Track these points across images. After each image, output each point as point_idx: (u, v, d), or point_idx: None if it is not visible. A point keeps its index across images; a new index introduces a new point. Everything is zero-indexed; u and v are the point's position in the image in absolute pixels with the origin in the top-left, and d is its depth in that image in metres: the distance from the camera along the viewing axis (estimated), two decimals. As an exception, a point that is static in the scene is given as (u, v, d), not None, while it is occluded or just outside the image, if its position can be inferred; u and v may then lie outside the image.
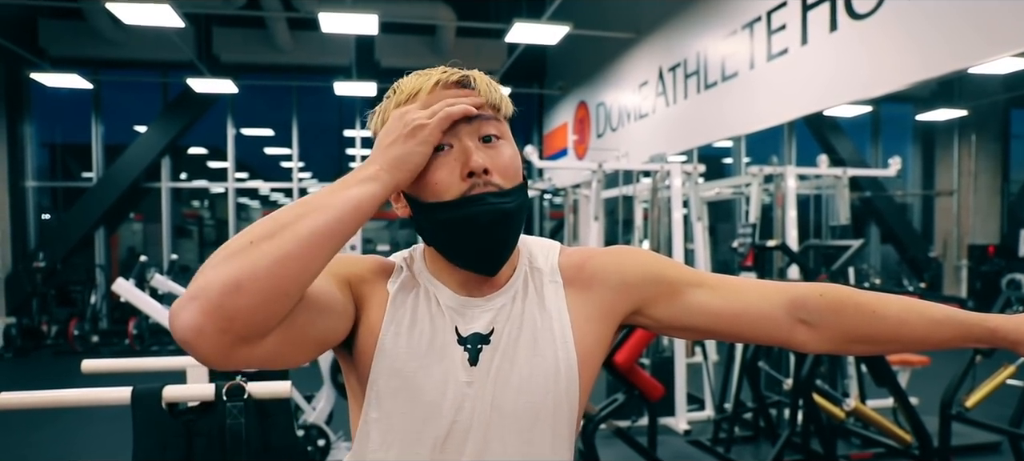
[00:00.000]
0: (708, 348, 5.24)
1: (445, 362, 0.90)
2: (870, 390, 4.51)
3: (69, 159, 11.05)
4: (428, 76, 0.90)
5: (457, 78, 0.89)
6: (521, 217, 0.91)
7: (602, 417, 3.51)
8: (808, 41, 4.57)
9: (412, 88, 0.90)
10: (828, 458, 3.48)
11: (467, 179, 0.86)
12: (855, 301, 0.93)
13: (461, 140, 0.87)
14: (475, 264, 0.91)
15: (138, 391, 1.63)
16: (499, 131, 0.90)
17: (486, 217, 0.86)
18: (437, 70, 0.91)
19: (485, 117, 0.88)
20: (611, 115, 8.15)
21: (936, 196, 11.32)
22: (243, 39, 9.78)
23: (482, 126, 0.88)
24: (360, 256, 0.98)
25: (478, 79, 0.90)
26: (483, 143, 0.88)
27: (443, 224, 0.88)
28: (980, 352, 3.61)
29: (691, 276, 0.99)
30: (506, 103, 0.92)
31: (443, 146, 0.86)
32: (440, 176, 0.86)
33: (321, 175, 12.03)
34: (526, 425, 0.90)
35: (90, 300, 8.98)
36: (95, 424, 5.12)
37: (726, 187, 6.29)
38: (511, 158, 0.90)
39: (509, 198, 0.88)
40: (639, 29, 7.25)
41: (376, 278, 0.95)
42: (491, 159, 0.87)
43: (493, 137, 0.89)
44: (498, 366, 0.90)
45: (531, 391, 0.90)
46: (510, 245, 0.92)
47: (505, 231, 0.88)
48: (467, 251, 0.90)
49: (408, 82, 0.91)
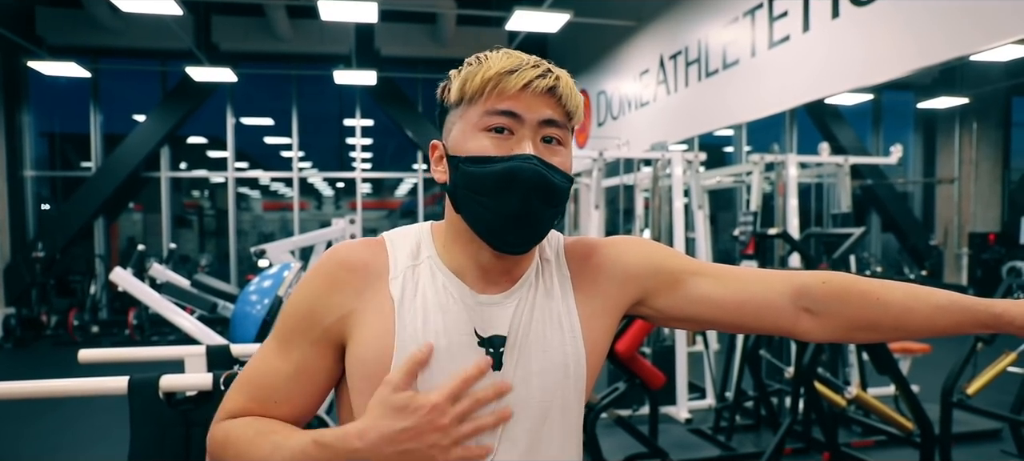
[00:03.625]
0: (709, 337, 5.23)
1: (466, 365, 0.84)
2: (871, 378, 4.51)
3: (68, 149, 11.01)
4: (520, 68, 0.84)
5: (548, 84, 0.85)
6: (561, 201, 0.87)
7: (603, 406, 3.50)
8: (810, 28, 4.53)
9: (503, 65, 0.84)
10: (829, 446, 3.48)
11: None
12: (859, 289, 0.92)
13: (522, 132, 0.85)
14: (503, 234, 0.85)
15: (135, 380, 1.62)
16: (562, 138, 0.88)
17: (531, 175, 0.82)
18: (530, 60, 0.87)
19: (557, 123, 0.86)
20: (612, 103, 8.11)
21: (937, 184, 11.29)
22: (242, 27, 9.73)
23: (549, 128, 0.86)
24: (344, 262, 0.89)
25: (562, 86, 0.86)
26: (543, 143, 0.86)
27: (483, 177, 0.84)
28: (981, 339, 3.60)
29: (693, 266, 0.97)
30: (579, 115, 0.89)
31: (503, 129, 0.84)
32: (488, 149, 0.84)
33: (321, 164, 12.00)
34: (537, 423, 0.89)
35: (90, 290, 8.98)
36: (93, 414, 5.12)
37: (727, 175, 6.27)
38: (565, 166, 0.88)
39: (557, 174, 0.85)
40: (640, 17, 7.21)
41: (369, 286, 0.88)
42: (546, 159, 0.85)
43: (555, 141, 0.87)
44: (516, 365, 0.88)
45: (543, 388, 0.89)
46: (543, 226, 0.87)
47: (544, 204, 0.85)
48: (500, 213, 0.84)
49: (499, 59, 0.86)
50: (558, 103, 0.86)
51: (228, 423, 0.89)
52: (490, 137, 0.84)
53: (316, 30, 9.68)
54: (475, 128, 0.85)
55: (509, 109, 0.84)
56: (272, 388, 0.89)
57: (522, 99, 0.84)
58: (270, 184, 13.91)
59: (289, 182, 10.76)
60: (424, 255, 0.92)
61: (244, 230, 12.35)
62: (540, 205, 0.84)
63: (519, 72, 0.84)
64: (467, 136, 0.86)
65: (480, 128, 0.85)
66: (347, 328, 0.88)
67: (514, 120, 0.84)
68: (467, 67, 0.87)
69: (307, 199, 13.69)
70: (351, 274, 0.88)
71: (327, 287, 0.88)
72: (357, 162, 11.12)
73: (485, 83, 0.84)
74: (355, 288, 0.88)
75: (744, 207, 6.06)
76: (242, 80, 9.74)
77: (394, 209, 14.07)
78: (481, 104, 0.85)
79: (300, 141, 10.58)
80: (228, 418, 0.90)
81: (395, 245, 0.92)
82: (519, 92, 0.84)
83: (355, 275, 0.88)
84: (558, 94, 0.86)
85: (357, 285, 0.88)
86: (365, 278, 0.88)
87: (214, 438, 0.90)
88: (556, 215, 0.88)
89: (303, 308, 0.89)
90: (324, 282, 0.89)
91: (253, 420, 0.88)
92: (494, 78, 0.84)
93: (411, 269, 0.90)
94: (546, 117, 0.85)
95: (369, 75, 8.87)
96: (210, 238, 12.61)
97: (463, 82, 0.86)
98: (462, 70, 0.88)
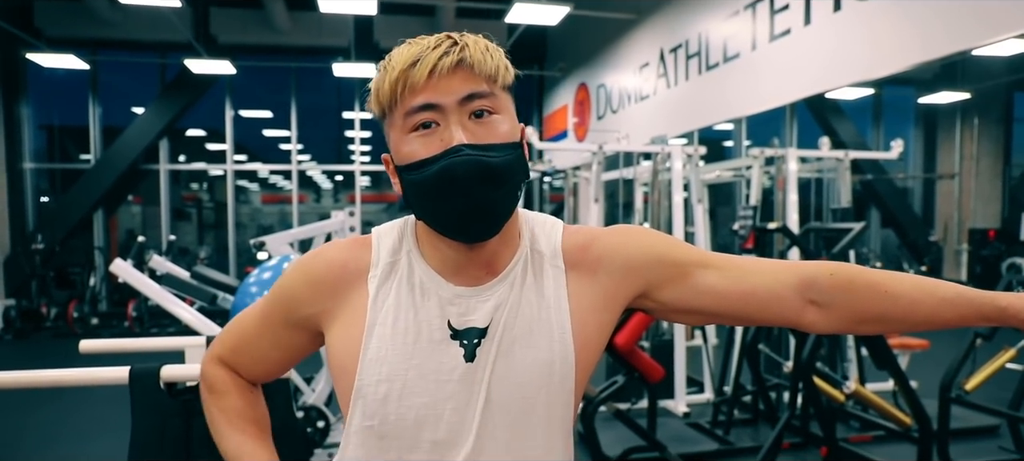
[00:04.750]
0: (708, 331, 5.24)
1: (438, 359, 0.86)
2: (870, 373, 4.51)
3: (67, 141, 10.99)
4: (422, 56, 0.81)
5: (454, 60, 0.81)
6: (510, 176, 0.83)
7: (602, 399, 3.51)
8: (811, 21, 4.52)
9: (405, 60, 0.81)
10: (828, 441, 3.49)
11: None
12: (866, 280, 0.91)
13: (447, 119, 0.81)
14: (459, 228, 0.84)
15: (136, 371, 1.62)
16: (492, 106, 0.83)
17: (463, 168, 0.79)
18: (430, 42, 0.83)
19: (479, 93, 0.82)
20: (611, 97, 8.10)
21: (937, 179, 11.30)
22: (241, 20, 9.70)
23: (473, 101, 0.82)
24: (324, 261, 0.92)
25: (471, 54, 0.82)
26: (473, 120, 0.82)
27: (420, 186, 0.82)
28: (980, 335, 3.61)
29: (698, 257, 0.94)
30: (504, 72, 0.84)
31: (429, 123, 0.81)
32: (419, 152, 0.81)
33: (320, 157, 11.98)
34: (519, 420, 0.87)
35: (89, 282, 8.98)
36: (94, 405, 5.13)
37: (727, 170, 6.26)
38: (504, 134, 0.83)
39: (493, 152, 0.81)
40: (640, 10, 7.19)
41: (347, 284, 0.90)
42: (480, 137, 0.81)
43: (486, 112, 0.83)
44: (494, 360, 0.86)
45: (524, 385, 0.87)
46: (500, 208, 0.84)
47: (487, 189, 0.81)
48: (449, 215, 0.82)
49: (401, 55, 0.83)
50: (472, 73, 0.81)
51: (217, 379, 1.02)
52: (418, 137, 0.81)
53: (315, 22, 9.66)
54: (403, 132, 0.83)
55: (424, 102, 0.81)
56: (249, 348, 1.00)
57: (434, 86, 0.80)
58: (269, 177, 13.88)
59: (288, 175, 10.75)
60: (404, 249, 0.91)
61: (243, 223, 12.33)
62: (486, 190, 0.81)
63: (422, 61, 0.80)
64: (400, 143, 0.83)
65: (407, 131, 0.82)
66: (322, 323, 0.92)
67: (434, 111, 0.81)
68: (376, 76, 0.85)
69: (306, 192, 13.66)
70: (329, 273, 0.91)
71: (305, 283, 0.92)
72: (356, 155, 11.11)
73: (393, 87, 0.81)
74: (331, 287, 0.90)
75: (744, 201, 6.06)
76: (241, 73, 9.72)
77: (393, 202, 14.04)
78: (400, 108, 0.82)
79: (299, 134, 10.56)
80: (218, 361, 1.03)
81: (380, 241, 0.93)
82: (428, 81, 0.80)
83: (332, 273, 0.91)
84: (469, 64, 0.81)
85: (334, 284, 0.90)
86: (343, 277, 0.90)
87: (207, 375, 1.04)
88: (512, 190, 0.84)
89: (284, 296, 0.95)
90: (303, 278, 0.93)
91: (233, 397, 1.02)
92: (399, 77, 0.81)
93: (390, 265, 0.90)
94: (465, 93, 0.81)
95: (368, 68, 8.85)
96: (209, 231, 12.59)
97: (376, 93, 0.84)
98: (372, 82, 0.86)
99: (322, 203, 14.37)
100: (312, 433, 3.80)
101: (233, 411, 1.00)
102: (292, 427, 1.69)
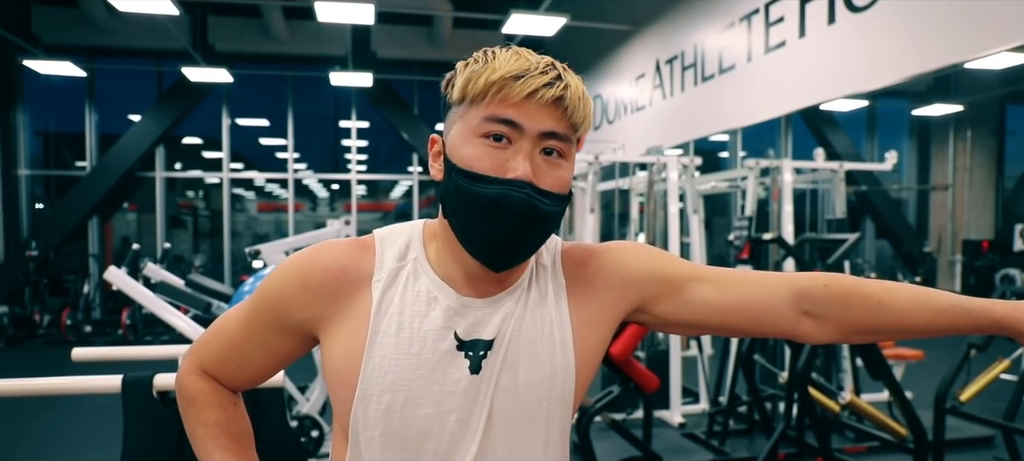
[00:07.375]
0: (703, 341, 5.24)
1: (443, 370, 0.85)
2: (865, 383, 4.52)
3: (63, 148, 10.97)
4: (528, 75, 0.79)
5: (555, 95, 0.80)
6: (552, 226, 0.85)
7: (597, 409, 3.50)
8: (806, 34, 4.55)
9: (509, 69, 0.79)
10: (823, 451, 3.49)
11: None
12: (861, 292, 0.91)
13: (521, 142, 0.80)
14: (486, 254, 0.83)
15: (128, 379, 1.61)
16: (564, 151, 0.83)
17: (518, 205, 0.79)
18: (538, 64, 0.81)
19: (559, 136, 0.82)
20: (608, 107, 8.13)
21: (931, 191, 11.34)
22: (238, 28, 9.72)
23: (550, 140, 0.82)
24: (321, 265, 0.88)
25: (571, 97, 0.81)
26: (544, 156, 0.82)
27: (471, 197, 0.81)
28: (974, 345, 3.61)
29: (692, 271, 0.95)
30: (586, 125, 0.85)
31: (501, 137, 0.80)
32: (482, 160, 0.80)
33: (316, 166, 11.98)
34: (520, 431, 0.87)
35: (83, 290, 8.94)
36: (87, 414, 5.10)
37: (722, 180, 6.27)
38: (565, 182, 0.84)
39: (548, 200, 0.81)
40: (636, 21, 7.22)
41: (348, 290, 0.87)
42: (541, 177, 0.81)
43: (555, 154, 0.83)
44: (499, 373, 0.86)
45: (527, 398, 0.87)
46: (530, 247, 0.85)
47: (531, 230, 0.82)
48: (485, 235, 0.82)
49: (506, 62, 0.81)
50: (564, 115, 0.81)
51: (198, 391, 0.98)
52: (487, 146, 0.80)
53: (312, 31, 9.68)
54: (473, 133, 0.81)
55: (510, 118, 0.79)
56: (234, 354, 0.96)
57: (525, 108, 0.79)
58: (265, 185, 13.87)
59: (284, 183, 10.75)
60: (411, 256, 0.90)
61: (239, 231, 12.32)
62: (527, 230, 0.82)
63: (525, 79, 0.79)
64: (465, 140, 0.82)
65: (478, 134, 0.81)
66: (318, 329, 0.89)
67: (514, 129, 0.80)
68: (473, 65, 0.83)
69: (302, 200, 13.65)
70: (326, 277, 0.87)
71: (299, 286, 0.88)
72: (352, 164, 11.11)
73: (488, 86, 0.80)
74: (330, 292, 0.87)
75: (739, 212, 6.07)
76: (238, 81, 9.72)
77: (389, 211, 14.04)
78: (482, 108, 0.80)
79: (295, 142, 10.56)
80: (198, 372, 0.99)
81: (384, 245, 0.91)
82: (523, 100, 0.79)
83: (332, 278, 0.87)
84: (565, 105, 0.81)
85: (333, 289, 0.87)
86: (343, 282, 0.87)
87: (185, 387, 0.99)
88: (547, 234, 0.85)
89: (274, 298, 0.90)
90: (297, 280, 0.88)
91: (215, 410, 0.98)
92: (498, 82, 0.79)
93: (396, 271, 0.88)
94: (548, 129, 0.81)
95: (365, 77, 8.87)
96: (204, 239, 12.56)
97: (467, 81, 0.82)
98: (467, 67, 0.83)
99: (318, 212, 14.35)
100: (306, 442, 3.78)
101: (215, 425, 0.97)
102: (286, 436, 1.68)
